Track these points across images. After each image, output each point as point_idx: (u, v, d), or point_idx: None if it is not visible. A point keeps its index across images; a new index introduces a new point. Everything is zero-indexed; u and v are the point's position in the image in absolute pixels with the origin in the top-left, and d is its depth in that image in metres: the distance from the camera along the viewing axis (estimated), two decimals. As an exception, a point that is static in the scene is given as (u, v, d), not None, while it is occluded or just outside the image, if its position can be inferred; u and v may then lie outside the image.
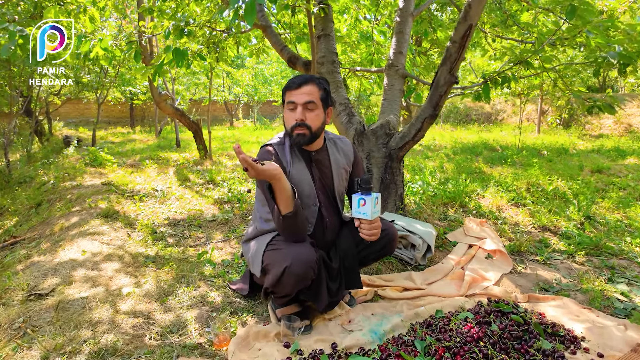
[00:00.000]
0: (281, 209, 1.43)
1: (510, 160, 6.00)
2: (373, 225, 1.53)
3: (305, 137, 1.58)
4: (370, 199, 1.51)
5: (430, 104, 2.56)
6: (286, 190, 1.40)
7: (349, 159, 1.78)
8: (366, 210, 1.52)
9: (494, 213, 3.28)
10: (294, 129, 1.58)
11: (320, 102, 1.60)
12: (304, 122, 1.57)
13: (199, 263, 2.31)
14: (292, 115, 1.58)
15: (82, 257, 2.31)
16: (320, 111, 1.61)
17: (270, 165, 1.32)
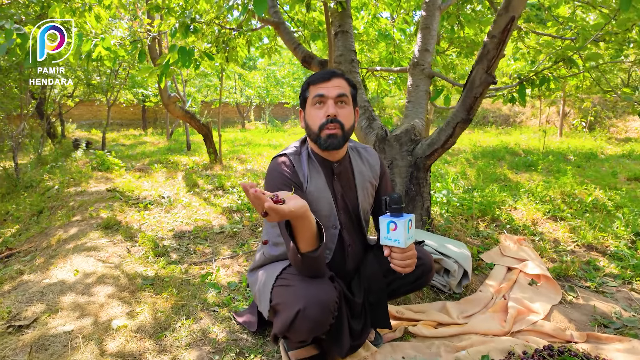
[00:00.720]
0: (301, 246, 1.15)
1: (541, 167, 5.63)
2: (407, 255, 1.25)
3: (337, 138, 1.31)
4: (403, 222, 1.23)
5: (464, 107, 2.26)
6: (311, 228, 1.11)
7: (375, 171, 1.50)
8: (398, 236, 1.24)
9: (529, 227, 2.96)
10: (324, 127, 1.30)
11: (351, 99, 1.35)
12: (337, 119, 1.30)
13: (202, 286, 2.05)
14: (321, 111, 1.31)
15: (74, 278, 2.08)
16: (351, 109, 1.35)
17: (295, 202, 1.01)
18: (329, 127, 1.30)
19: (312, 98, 1.33)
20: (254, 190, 0.88)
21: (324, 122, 1.30)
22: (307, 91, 1.36)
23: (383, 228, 1.27)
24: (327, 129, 1.30)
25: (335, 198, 1.41)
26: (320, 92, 1.31)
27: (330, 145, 1.32)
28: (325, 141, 1.31)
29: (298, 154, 1.40)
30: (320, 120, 1.31)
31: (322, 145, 1.33)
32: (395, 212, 1.26)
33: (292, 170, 1.35)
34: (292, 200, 1.00)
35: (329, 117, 1.29)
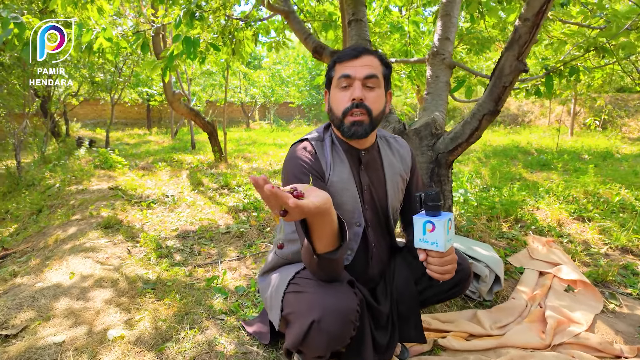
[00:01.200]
0: (317, 246, 0.96)
1: (561, 166, 5.41)
2: (446, 259, 1.08)
3: (363, 125, 1.14)
4: (442, 222, 1.06)
5: (491, 98, 2.08)
6: (331, 225, 0.92)
7: (406, 164, 1.33)
8: (436, 238, 1.07)
9: (554, 229, 2.77)
10: (348, 113, 1.13)
11: (382, 80, 1.17)
12: (364, 103, 1.12)
13: (208, 291, 1.89)
14: (346, 94, 1.14)
15: (69, 281, 1.92)
16: (382, 92, 1.17)
17: (317, 196, 0.82)
18: (354, 113, 1.13)
19: (337, 78, 1.16)
20: (269, 187, 0.70)
21: (348, 106, 1.13)
22: (333, 70, 1.19)
23: (418, 229, 1.09)
24: (351, 114, 1.13)
25: (361, 191, 1.24)
26: (347, 71, 1.14)
27: (354, 134, 1.15)
28: (348, 129, 1.15)
29: (321, 139, 1.23)
30: (344, 104, 1.14)
31: (346, 134, 1.16)
32: (433, 210, 1.09)
33: (313, 158, 1.18)
34: (312, 194, 0.82)
35: (354, 102, 1.12)
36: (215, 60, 5.86)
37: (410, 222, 1.39)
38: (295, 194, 0.76)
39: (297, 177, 1.14)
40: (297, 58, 17.63)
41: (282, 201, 0.71)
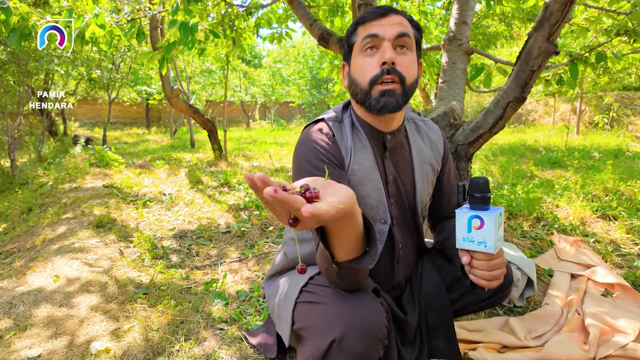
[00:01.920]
0: (338, 254, 0.75)
1: (577, 163, 5.22)
2: (495, 262, 0.89)
3: (394, 95, 0.93)
4: (492, 217, 0.88)
5: (517, 83, 1.90)
6: (356, 228, 0.70)
7: (437, 151, 1.14)
8: (485, 236, 0.89)
9: (578, 227, 2.59)
10: (377, 80, 0.93)
11: (414, 44, 0.98)
12: (396, 69, 0.93)
13: (206, 296, 1.71)
14: (373, 59, 0.94)
15: (53, 285, 1.74)
16: (415, 57, 0.98)
17: (339, 195, 0.58)
18: (385, 81, 0.93)
19: (361, 41, 0.96)
20: (270, 191, 0.48)
21: (377, 73, 0.93)
22: (354, 34, 0.99)
23: (462, 226, 0.91)
24: (381, 82, 0.94)
25: (386, 182, 1.05)
26: (374, 31, 0.94)
27: (385, 106, 0.94)
28: (377, 100, 0.94)
29: (339, 120, 1.04)
30: (372, 70, 0.94)
31: (374, 107, 0.95)
32: (481, 203, 0.91)
33: (331, 141, 0.99)
34: (330, 191, 0.59)
35: (384, 66, 0.92)
36: (215, 55, 5.69)
37: (440, 219, 1.21)
38: (308, 195, 0.54)
39: (312, 164, 0.95)
40: (297, 57, 17.47)
41: (290, 207, 0.50)
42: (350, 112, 1.06)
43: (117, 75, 7.65)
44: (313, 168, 0.94)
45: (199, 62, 11.75)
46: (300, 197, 0.51)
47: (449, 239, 1.11)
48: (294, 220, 0.54)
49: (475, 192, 0.92)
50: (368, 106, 0.97)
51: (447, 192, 1.19)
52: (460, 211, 0.92)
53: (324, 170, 0.94)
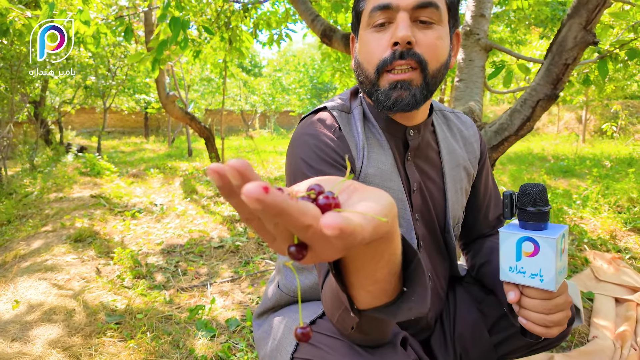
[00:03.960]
0: (360, 297, 0.45)
1: (597, 172, 4.97)
2: (556, 303, 0.65)
3: (410, 89, 0.68)
4: (552, 241, 0.65)
5: (548, 79, 1.67)
6: (392, 257, 0.39)
7: (472, 151, 0.89)
8: (541, 266, 0.65)
9: (608, 242, 2.33)
10: (386, 67, 0.68)
11: (445, 12, 0.71)
12: (413, 50, 0.67)
13: (190, 326, 1.45)
14: (383, 36, 0.69)
15: (11, 312, 1.48)
16: (444, 32, 0.71)
17: (372, 200, 0.32)
18: (396, 68, 0.68)
19: (369, 12, 0.71)
20: (258, 191, 0.24)
21: (387, 56, 0.68)
22: (361, 2, 0.74)
23: (509, 251, 0.67)
24: (391, 70, 0.69)
25: (409, 191, 0.80)
26: (385, 0, 0.69)
27: (396, 104, 0.69)
28: (386, 95, 0.69)
29: (347, 109, 0.78)
30: (380, 52, 0.69)
31: (382, 103, 0.70)
32: (535, 220, 0.67)
33: (337, 137, 0.73)
34: (356, 196, 0.33)
35: (396, 48, 0.67)
36: (213, 61, 5.49)
37: (474, 238, 0.97)
38: (323, 201, 0.30)
39: (311, 166, 0.70)
40: (298, 65, 17.37)
41: (294, 222, 0.26)
42: (360, 100, 0.81)
43: (113, 82, 7.46)
44: (313, 172, 0.69)
45: (198, 70, 11.61)
46: (311, 204, 0.27)
47: (488, 265, 0.87)
48: (298, 247, 0.29)
49: (527, 204, 0.68)
50: (375, 101, 0.72)
51: (483, 203, 0.94)
52: (507, 231, 0.68)
53: (331, 174, 0.70)
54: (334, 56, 3.32)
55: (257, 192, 0.24)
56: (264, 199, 0.24)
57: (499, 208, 0.97)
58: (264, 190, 0.24)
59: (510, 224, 0.72)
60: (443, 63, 0.73)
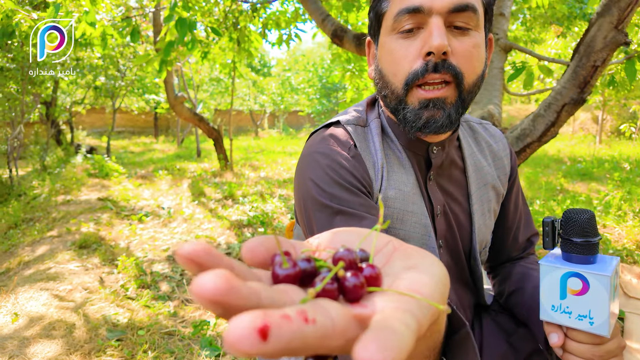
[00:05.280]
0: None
1: (619, 176, 4.79)
2: (608, 349, 0.55)
3: (444, 108, 0.60)
4: (604, 279, 0.55)
5: (575, 82, 1.56)
6: (435, 337, 0.29)
7: (502, 167, 0.79)
8: (591, 307, 0.56)
9: (634, 253, 2.21)
10: (417, 80, 0.59)
11: (482, 15, 0.62)
12: (449, 62, 0.58)
13: (194, 344, 1.38)
14: (413, 44, 0.59)
15: (10, 326, 1.43)
16: (481, 40, 0.61)
17: (425, 269, 0.24)
18: (429, 81, 0.59)
19: (395, 15, 0.61)
20: (236, 294, 0.17)
21: (418, 67, 0.58)
22: (382, 3, 0.64)
23: (551, 287, 0.58)
24: (423, 85, 0.59)
25: (432, 215, 0.71)
26: (416, 3, 0.58)
27: (428, 124, 0.61)
28: (416, 115, 0.60)
29: (363, 124, 0.70)
30: (410, 62, 0.59)
31: (411, 123, 0.61)
32: (583, 252, 0.58)
33: (353, 156, 0.64)
34: (404, 262, 0.25)
35: (430, 58, 0.58)
36: (222, 62, 5.44)
37: (502, 262, 0.87)
38: (352, 282, 0.21)
39: (325, 191, 0.61)
40: (307, 65, 17.30)
41: (309, 351, 0.17)
42: (378, 112, 0.72)
43: (122, 83, 7.47)
44: (327, 197, 0.61)
45: (207, 71, 11.61)
46: (338, 311, 0.19)
47: (520, 293, 0.77)
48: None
49: (572, 234, 0.58)
50: (402, 121, 0.63)
51: (513, 225, 0.85)
52: (548, 264, 0.59)
53: (346, 200, 0.62)
54: (345, 57, 3.23)
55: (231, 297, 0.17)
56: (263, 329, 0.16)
57: (529, 229, 0.88)
58: (262, 329, 0.16)
59: (552, 254, 0.63)
60: (479, 75, 0.63)
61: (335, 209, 0.61)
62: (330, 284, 0.21)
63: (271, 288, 0.20)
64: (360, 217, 0.60)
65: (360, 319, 0.20)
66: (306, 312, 0.18)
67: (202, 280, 0.17)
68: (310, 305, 0.19)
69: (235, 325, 0.16)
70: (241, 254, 0.22)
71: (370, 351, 0.16)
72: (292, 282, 0.22)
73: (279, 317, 0.17)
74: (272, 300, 0.19)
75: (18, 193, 5.23)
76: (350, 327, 0.19)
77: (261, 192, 4.05)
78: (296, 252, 0.27)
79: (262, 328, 0.15)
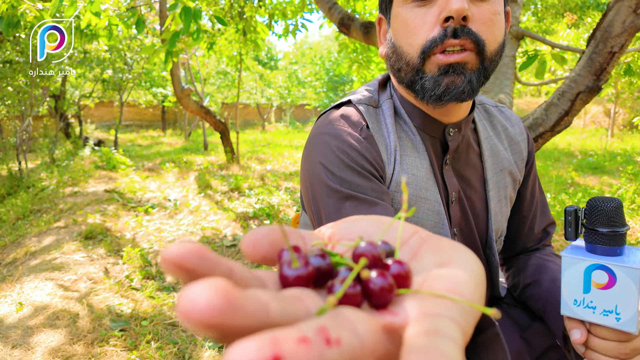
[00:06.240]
0: None
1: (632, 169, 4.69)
2: (633, 347, 0.51)
3: (465, 73, 0.56)
4: (633, 272, 0.51)
5: (590, 69, 1.50)
6: None
7: (519, 152, 0.76)
8: (618, 302, 0.52)
9: (649, 247, 2.15)
10: (435, 47, 0.55)
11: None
12: (468, 28, 0.54)
13: (196, 335, 1.36)
14: (429, 12, 0.56)
15: (14, 315, 1.43)
16: (500, 6, 0.59)
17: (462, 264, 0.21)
18: (448, 48, 0.56)
19: None
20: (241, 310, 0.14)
21: (436, 35, 0.55)
22: None
23: (573, 280, 0.55)
24: (442, 51, 0.56)
25: (447, 202, 0.68)
26: None
27: (448, 91, 0.56)
28: (435, 82, 0.57)
29: (375, 104, 0.66)
30: (427, 31, 0.56)
31: (429, 92, 0.57)
32: (609, 243, 0.54)
33: (364, 137, 0.61)
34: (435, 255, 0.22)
35: (448, 24, 0.54)
36: (228, 53, 5.41)
37: (517, 253, 0.84)
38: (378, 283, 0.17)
39: (335, 174, 0.58)
40: (314, 58, 17.19)
41: None
42: (390, 92, 0.69)
43: (129, 76, 7.47)
44: (337, 181, 0.58)
45: (214, 64, 11.59)
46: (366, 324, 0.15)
47: (537, 286, 0.74)
48: None
49: (598, 224, 0.54)
50: (420, 91, 0.59)
51: (529, 213, 0.81)
52: (572, 256, 0.55)
53: (357, 185, 0.59)
54: (352, 47, 3.18)
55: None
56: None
57: (545, 218, 0.83)
58: None
59: (574, 245, 0.59)
60: (501, 43, 0.60)
61: (345, 193, 0.57)
62: (352, 287, 0.17)
63: (280, 296, 0.16)
64: (371, 202, 0.57)
65: (390, 331, 0.16)
66: (327, 330, 0.14)
67: (192, 295, 0.13)
68: (330, 318, 0.15)
69: (237, 357, 0.12)
70: (241, 247, 0.19)
71: None
72: (305, 285, 0.18)
73: (294, 342, 0.13)
74: (282, 313, 0.15)
75: (27, 185, 5.28)
76: (380, 343, 0.15)
77: (262, 174, 4.03)
78: (306, 245, 0.23)
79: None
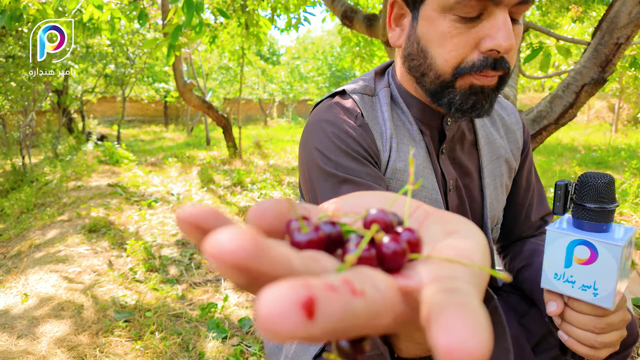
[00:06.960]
0: (404, 347, 0.27)
1: (636, 164, 4.68)
2: (610, 322, 0.52)
3: (490, 96, 0.58)
4: (615, 249, 0.51)
5: (595, 61, 1.49)
6: None
7: (514, 141, 0.76)
8: (596, 277, 0.52)
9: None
10: (472, 71, 0.55)
11: None
12: (505, 59, 0.55)
13: (201, 326, 1.37)
14: (471, 35, 0.54)
15: (19, 307, 1.44)
16: (521, 28, 0.60)
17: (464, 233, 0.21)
18: (484, 74, 0.55)
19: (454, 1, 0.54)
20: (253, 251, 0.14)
21: (476, 61, 0.55)
22: None
23: (556, 254, 0.55)
24: (476, 76, 0.56)
25: (445, 191, 0.68)
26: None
27: (474, 108, 0.58)
28: (465, 98, 0.57)
29: (371, 92, 0.66)
30: (465, 52, 0.55)
31: (457, 106, 0.58)
32: (596, 219, 0.54)
33: (360, 125, 0.62)
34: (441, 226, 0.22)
35: (491, 54, 0.54)
36: (231, 48, 5.39)
37: (513, 240, 0.84)
38: (391, 248, 0.17)
39: (331, 159, 0.59)
40: (316, 53, 17.13)
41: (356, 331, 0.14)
42: (388, 81, 0.68)
43: (131, 71, 7.47)
44: (333, 166, 0.59)
45: (216, 59, 11.57)
46: (386, 282, 0.15)
47: (529, 268, 0.75)
48: (354, 345, 0.16)
49: (587, 199, 0.54)
50: (446, 104, 0.59)
51: (525, 201, 0.81)
52: (556, 230, 0.55)
53: (353, 169, 0.59)
54: (355, 41, 3.16)
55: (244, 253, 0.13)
56: None
57: (543, 207, 0.84)
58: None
59: (561, 220, 0.59)
60: (514, 64, 0.61)
61: (341, 177, 0.58)
62: (367, 250, 0.17)
63: (301, 253, 0.16)
64: (367, 186, 0.58)
65: (405, 293, 0.16)
66: (351, 282, 0.14)
67: (222, 237, 0.13)
68: (353, 273, 0.15)
69: (272, 297, 0.12)
70: (247, 218, 0.18)
71: (460, 335, 0.12)
72: (317, 249, 0.18)
73: (323, 288, 0.13)
74: (306, 267, 0.15)
75: (30, 180, 5.30)
76: (398, 302, 0.15)
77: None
78: (312, 217, 0.23)
79: (307, 302, 0.12)
